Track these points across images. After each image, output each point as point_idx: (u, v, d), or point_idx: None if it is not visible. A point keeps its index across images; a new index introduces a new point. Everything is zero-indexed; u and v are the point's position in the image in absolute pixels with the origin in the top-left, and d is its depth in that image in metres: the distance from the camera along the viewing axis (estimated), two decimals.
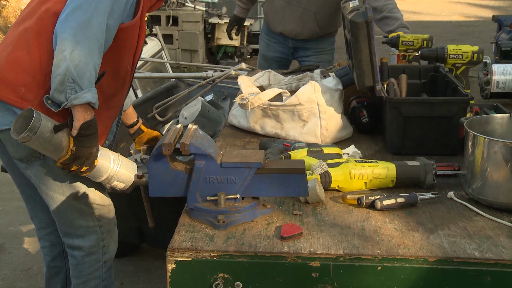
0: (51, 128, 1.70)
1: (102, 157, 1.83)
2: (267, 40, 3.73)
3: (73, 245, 2.06)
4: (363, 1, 2.11)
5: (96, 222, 2.05)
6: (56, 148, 1.74)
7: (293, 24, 3.53)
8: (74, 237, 2.05)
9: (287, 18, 3.52)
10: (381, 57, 2.33)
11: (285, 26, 3.56)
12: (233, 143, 2.22)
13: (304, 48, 3.66)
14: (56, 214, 2.03)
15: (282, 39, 3.66)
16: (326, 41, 3.66)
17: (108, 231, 2.09)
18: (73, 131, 1.72)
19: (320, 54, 3.67)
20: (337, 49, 10.03)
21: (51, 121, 1.72)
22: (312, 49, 3.65)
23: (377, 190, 1.75)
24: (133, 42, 1.92)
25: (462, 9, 12.90)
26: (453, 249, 1.43)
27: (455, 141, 2.00)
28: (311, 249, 1.44)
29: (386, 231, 1.52)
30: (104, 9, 1.72)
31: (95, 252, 2.06)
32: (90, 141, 1.75)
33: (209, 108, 3.23)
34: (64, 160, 1.75)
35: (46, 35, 1.78)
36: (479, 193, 1.66)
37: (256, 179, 1.56)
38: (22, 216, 3.82)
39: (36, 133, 1.67)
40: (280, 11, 3.53)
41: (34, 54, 1.81)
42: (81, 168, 1.78)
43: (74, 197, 1.98)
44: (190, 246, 1.45)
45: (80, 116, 1.71)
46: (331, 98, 2.18)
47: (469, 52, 2.52)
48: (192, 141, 1.55)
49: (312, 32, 3.53)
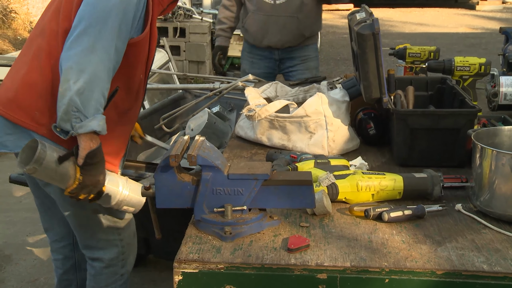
0: (56, 159, 1.70)
1: (111, 183, 1.84)
2: (251, 58, 3.78)
3: (93, 257, 2.07)
4: (370, 13, 2.12)
5: (117, 236, 2.06)
6: (62, 178, 1.73)
7: (278, 34, 3.60)
8: (95, 250, 2.06)
9: (271, 30, 3.59)
10: (388, 69, 2.33)
11: (270, 38, 3.62)
12: (240, 154, 2.22)
13: (290, 58, 3.73)
14: (76, 228, 2.03)
15: (267, 53, 3.72)
16: (310, 48, 3.75)
17: (128, 244, 2.10)
18: (79, 160, 1.72)
19: (306, 61, 3.76)
20: (344, 60, 10.03)
21: (56, 151, 1.72)
22: (298, 58, 3.74)
23: (384, 202, 1.74)
24: (144, 54, 1.91)
25: (469, 21, 12.90)
26: (461, 262, 1.42)
27: (462, 153, 2.00)
28: (318, 261, 1.43)
29: (393, 244, 1.51)
30: (110, 31, 1.69)
31: (114, 264, 2.07)
32: (96, 169, 1.75)
33: (216, 119, 3.23)
34: (71, 189, 1.76)
35: (57, 56, 1.76)
36: (487, 206, 1.65)
37: (263, 190, 1.56)
38: (29, 227, 3.83)
39: (41, 164, 1.67)
40: (263, 25, 3.58)
41: (47, 76, 1.81)
42: (89, 196, 1.78)
43: (95, 211, 1.98)
44: (197, 257, 1.45)
45: (86, 145, 1.71)
46: (338, 110, 2.18)
47: (476, 64, 2.52)
48: (199, 152, 1.55)
49: (297, 37, 3.61)
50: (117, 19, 1.71)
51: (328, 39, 10.65)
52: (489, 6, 14.51)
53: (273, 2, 3.53)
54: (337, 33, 11.53)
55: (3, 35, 8.88)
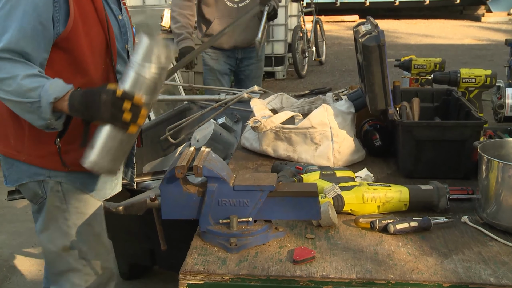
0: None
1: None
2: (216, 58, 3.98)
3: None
4: (375, 24, 2.12)
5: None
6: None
7: (243, 34, 3.86)
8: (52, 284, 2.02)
9: (238, 31, 3.81)
10: (394, 81, 2.33)
11: (237, 39, 3.87)
12: (245, 166, 2.22)
13: (249, 57, 4.03)
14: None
15: (230, 53, 3.96)
16: (262, 48, 4.04)
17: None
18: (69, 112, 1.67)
19: (260, 61, 4.13)
20: (349, 71, 10.05)
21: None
22: (254, 57, 4.04)
23: (390, 213, 1.74)
24: (86, 40, 1.77)
25: (475, 32, 12.91)
26: (467, 275, 1.42)
27: (468, 165, 1.99)
28: (323, 273, 1.43)
29: (399, 256, 1.51)
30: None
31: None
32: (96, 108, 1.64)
33: (221, 131, 3.24)
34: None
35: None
36: (493, 218, 1.65)
37: (269, 202, 1.56)
38: (35, 238, 3.82)
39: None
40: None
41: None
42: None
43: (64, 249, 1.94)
44: (203, 269, 1.45)
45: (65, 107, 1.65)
46: (344, 121, 2.18)
47: (482, 75, 2.52)
48: (205, 164, 1.56)
49: (255, 35, 3.80)
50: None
51: (334, 50, 10.67)
52: (495, 17, 14.52)
53: (236, 6, 3.79)
54: (342, 44, 11.56)
55: None
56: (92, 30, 1.80)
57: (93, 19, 1.80)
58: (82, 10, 1.76)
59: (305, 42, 8.57)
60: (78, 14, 1.74)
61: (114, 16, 1.90)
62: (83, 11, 1.77)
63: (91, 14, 1.79)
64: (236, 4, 3.80)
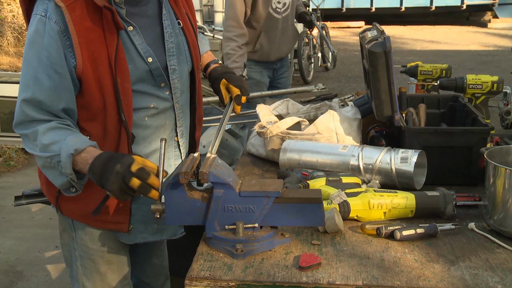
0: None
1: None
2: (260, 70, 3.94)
3: None
4: (381, 31, 2.12)
5: None
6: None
7: (288, 44, 3.93)
8: None
9: (284, 42, 3.85)
10: (400, 87, 2.33)
11: (282, 50, 3.91)
12: (251, 171, 2.22)
13: (282, 66, 4.06)
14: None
15: (270, 64, 3.95)
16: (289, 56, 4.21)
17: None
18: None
19: (289, 69, 4.21)
20: (355, 77, 10.06)
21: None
22: (286, 65, 4.09)
23: (396, 220, 1.73)
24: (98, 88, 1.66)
25: (481, 38, 12.89)
26: (475, 282, 1.41)
27: (475, 171, 1.98)
28: (330, 279, 1.42)
29: (405, 262, 1.50)
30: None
31: None
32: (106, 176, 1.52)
33: (228, 136, 3.24)
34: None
35: None
36: (500, 225, 1.64)
37: (275, 208, 1.56)
38: (41, 243, 3.84)
39: None
40: (277, 40, 3.81)
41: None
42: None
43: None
44: (208, 275, 1.45)
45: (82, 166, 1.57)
46: (350, 127, 2.18)
47: (489, 82, 2.51)
48: (211, 169, 1.56)
49: (294, 43, 4.02)
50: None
51: (340, 56, 10.68)
52: (501, 23, 14.51)
53: (281, 17, 3.76)
54: (348, 50, 11.57)
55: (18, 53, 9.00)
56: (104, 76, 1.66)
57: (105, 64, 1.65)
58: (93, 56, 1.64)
59: (311, 48, 8.58)
60: (87, 60, 1.63)
61: (143, 59, 1.72)
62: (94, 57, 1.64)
63: (103, 59, 1.65)
64: (280, 15, 3.76)
